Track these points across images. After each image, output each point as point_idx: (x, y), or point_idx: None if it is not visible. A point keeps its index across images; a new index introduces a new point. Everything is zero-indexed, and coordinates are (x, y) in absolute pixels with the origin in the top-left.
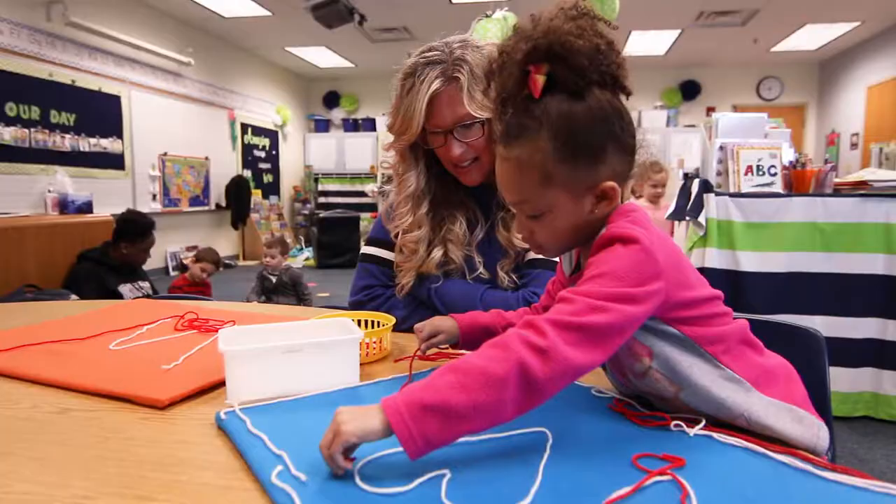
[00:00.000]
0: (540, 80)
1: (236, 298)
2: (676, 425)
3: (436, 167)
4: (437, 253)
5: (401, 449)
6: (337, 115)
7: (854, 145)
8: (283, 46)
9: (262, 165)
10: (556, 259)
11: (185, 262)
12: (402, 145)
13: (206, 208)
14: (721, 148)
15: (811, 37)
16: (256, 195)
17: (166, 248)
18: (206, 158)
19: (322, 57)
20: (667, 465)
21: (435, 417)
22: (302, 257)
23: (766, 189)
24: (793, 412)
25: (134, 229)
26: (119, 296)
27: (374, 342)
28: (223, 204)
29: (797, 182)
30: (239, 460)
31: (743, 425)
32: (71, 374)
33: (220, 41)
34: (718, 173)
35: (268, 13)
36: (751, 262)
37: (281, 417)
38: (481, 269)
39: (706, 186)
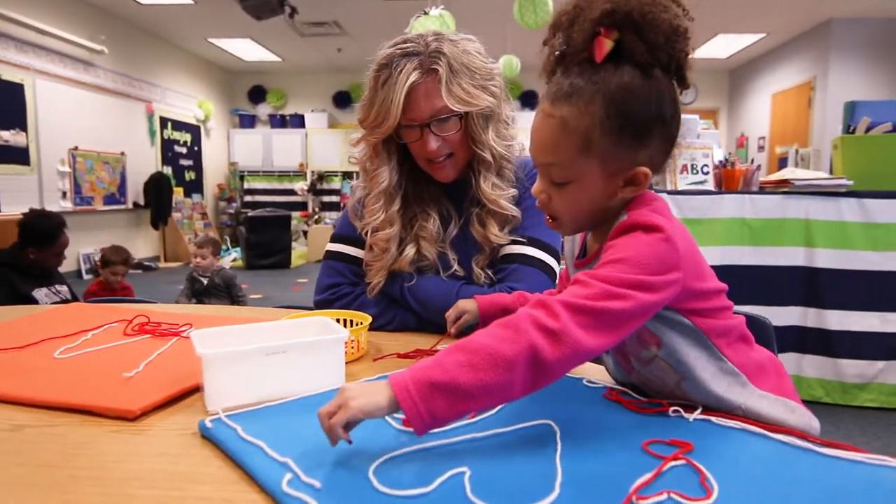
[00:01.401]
0: (607, 44)
1: (162, 302)
2: (675, 411)
3: (407, 163)
4: (410, 251)
5: (412, 449)
6: (263, 110)
7: (761, 148)
8: (205, 37)
9: (184, 162)
10: (536, 255)
11: (99, 265)
12: (377, 139)
13: (123, 207)
14: None
15: (723, 46)
16: (178, 193)
17: (79, 249)
18: (122, 154)
19: (247, 49)
20: (677, 449)
21: (443, 396)
22: (229, 258)
23: (699, 187)
24: (786, 404)
25: (39, 234)
26: (33, 301)
27: (352, 341)
28: (142, 202)
29: (727, 180)
30: (235, 471)
31: (739, 415)
32: (17, 386)
33: (136, 29)
34: None
35: (189, 1)
36: None
37: (274, 423)
38: (456, 266)
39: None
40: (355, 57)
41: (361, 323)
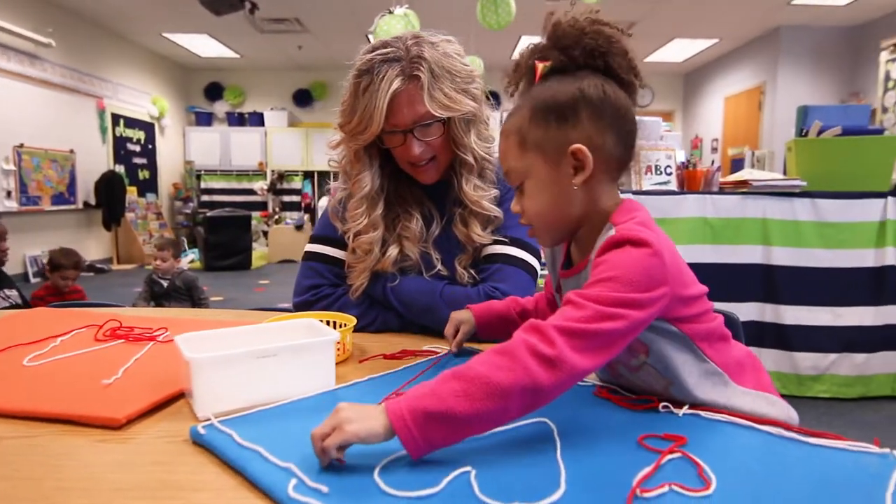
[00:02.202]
0: (540, 67)
1: (118, 306)
2: (664, 406)
3: (389, 165)
4: (393, 251)
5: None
6: (220, 108)
7: (714, 149)
8: (159, 32)
9: (137, 160)
10: (518, 255)
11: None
12: (359, 145)
13: (73, 207)
14: None
15: (678, 50)
16: (131, 193)
17: (25, 252)
18: (72, 151)
19: (204, 45)
20: (672, 443)
21: (439, 425)
22: (186, 259)
23: (663, 187)
24: (766, 398)
25: None
26: None
27: (338, 343)
28: (93, 202)
29: (689, 181)
30: (234, 477)
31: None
32: None
33: (86, 22)
34: None
35: None
36: None
37: (269, 427)
38: (439, 266)
39: None
40: (316, 55)
41: (345, 324)
